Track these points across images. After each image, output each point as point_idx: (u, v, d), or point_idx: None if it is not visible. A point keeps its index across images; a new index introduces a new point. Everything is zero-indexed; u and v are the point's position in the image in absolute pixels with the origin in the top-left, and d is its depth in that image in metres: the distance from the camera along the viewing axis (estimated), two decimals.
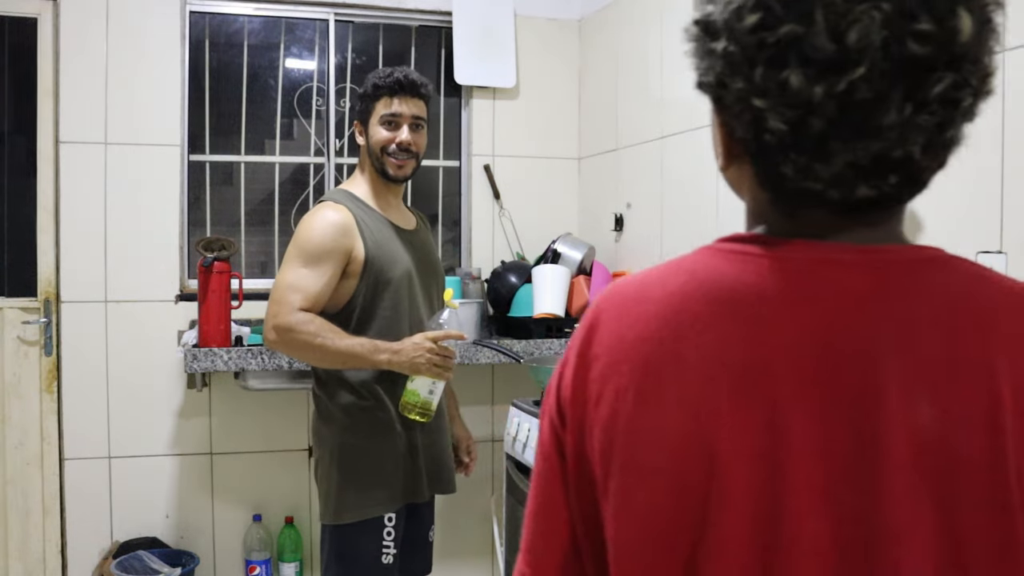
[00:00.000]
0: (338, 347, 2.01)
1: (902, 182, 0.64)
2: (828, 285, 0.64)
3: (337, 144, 3.47)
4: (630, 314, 0.68)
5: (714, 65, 0.65)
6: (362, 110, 2.21)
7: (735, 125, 0.67)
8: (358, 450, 2.12)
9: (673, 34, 2.88)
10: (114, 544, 3.12)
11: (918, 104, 0.60)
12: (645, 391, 0.66)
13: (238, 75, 3.39)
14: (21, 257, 3.12)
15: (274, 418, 3.28)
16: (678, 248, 2.90)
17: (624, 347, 0.67)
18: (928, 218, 1.87)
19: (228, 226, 3.39)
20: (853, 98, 0.59)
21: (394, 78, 2.16)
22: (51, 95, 3.08)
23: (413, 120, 2.17)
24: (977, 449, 0.61)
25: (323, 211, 2.13)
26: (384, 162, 2.17)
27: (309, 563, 3.32)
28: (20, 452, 3.09)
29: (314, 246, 2.07)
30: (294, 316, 2.02)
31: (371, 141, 2.18)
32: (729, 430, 0.63)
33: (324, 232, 2.09)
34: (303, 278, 2.05)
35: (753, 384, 0.63)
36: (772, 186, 0.67)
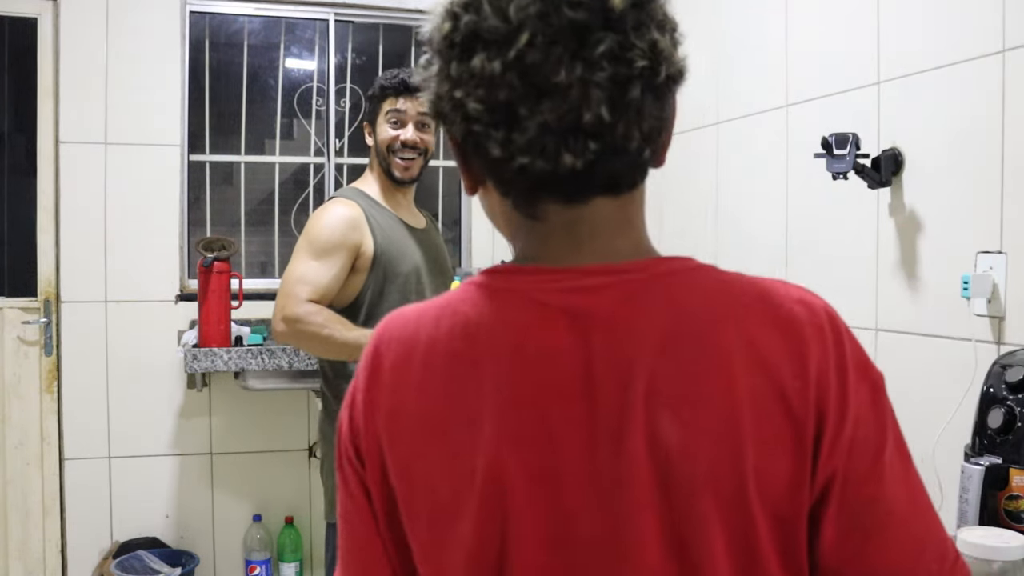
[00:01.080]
0: (345, 338, 2.02)
1: (604, 150, 0.67)
2: (573, 312, 0.68)
3: (337, 144, 3.47)
4: (405, 356, 0.73)
5: (433, 86, 0.71)
6: (370, 111, 2.25)
7: (457, 137, 0.71)
8: None
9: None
10: (114, 544, 3.12)
11: (586, 62, 0.65)
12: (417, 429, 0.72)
13: (238, 75, 3.39)
14: (21, 257, 3.12)
15: (274, 418, 3.28)
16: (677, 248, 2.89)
17: (402, 386, 0.73)
18: (928, 218, 1.87)
19: (228, 226, 3.40)
20: (525, 63, 0.65)
21: (399, 78, 2.19)
22: (51, 95, 3.08)
23: (419, 118, 2.19)
24: (716, 461, 0.65)
25: (333, 206, 2.16)
26: (390, 163, 2.19)
27: (309, 563, 3.32)
28: (20, 452, 3.09)
29: (324, 239, 2.09)
30: (302, 307, 2.02)
31: (378, 140, 2.20)
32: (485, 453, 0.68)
33: (334, 226, 2.10)
34: (312, 270, 2.07)
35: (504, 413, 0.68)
36: (497, 180, 0.71)
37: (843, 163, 1.88)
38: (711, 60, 2.64)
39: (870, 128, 1.99)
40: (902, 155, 1.92)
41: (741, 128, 2.52)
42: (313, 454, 3.32)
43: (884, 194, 1.97)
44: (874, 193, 1.98)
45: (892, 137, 1.94)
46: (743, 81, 2.52)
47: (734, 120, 2.55)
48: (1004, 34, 1.66)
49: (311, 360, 2.85)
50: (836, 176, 1.91)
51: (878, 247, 1.98)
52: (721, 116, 2.61)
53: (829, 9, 2.17)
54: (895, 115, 1.94)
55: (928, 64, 1.85)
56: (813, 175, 2.12)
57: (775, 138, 2.36)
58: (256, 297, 3.24)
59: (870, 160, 1.94)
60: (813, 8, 2.23)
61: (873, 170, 1.93)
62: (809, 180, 2.20)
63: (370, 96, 2.27)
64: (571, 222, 0.71)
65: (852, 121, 2.02)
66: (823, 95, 2.18)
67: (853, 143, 1.88)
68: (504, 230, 0.76)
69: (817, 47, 2.21)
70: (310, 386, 3.10)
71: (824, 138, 1.91)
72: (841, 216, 2.10)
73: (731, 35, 2.57)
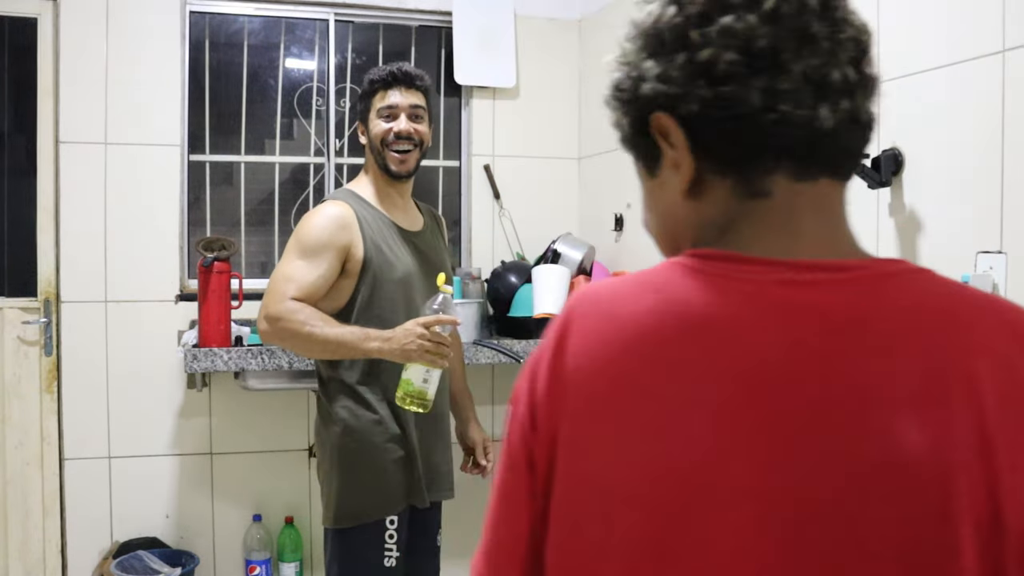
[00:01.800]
0: (327, 335, 1.98)
1: (849, 112, 0.67)
2: (798, 309, 0.65)
3: (337, 144, 3.47)
4: (599, 330, 0.69)
5: (651, 66, 0.69)
6: (362, 109, 2.21)
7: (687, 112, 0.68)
8: (357, 453, 2.10)
9: None
10: (114, 544, 3.12)
11: (831, 21, 0.67)
12: (609, 412, 0.67)
13: (238, 75, 3.39)
14: (21, 257, 3.11)
15: (274, 418, 3.28)
16: None
17: (594, 364, 0.68)
18: (928, 218, 1.87)
19: (228, 226, 3.40)
20: (780, 13, 0.66)
21: (388, 71, 2.16)
22: (51, 95, 3.08)
23: (411, 110, 2.16)
24: (965, 466, 0.60)
25: (324, 207, 2.13)
26: (386, 157, 2.15)
27: (309, 563, 3.32)
28: (20, 452, 3.08)
29: (311, 239, 2.06)
30: (284, 304, 1.99)
31: (371, 135, 2.16)
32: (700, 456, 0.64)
33: (322, 226, 2.07)
34: (297, 269, 2.04)
35: (724, 413, 0.64)
36: (730, 147, 0.68)
37: None
38: None
39: None
40: (902, 155, 1.92)
41: None
42: (313, 454, 3.32)
43: (884, 194, 1.97)
44: (874, 193, 1.98)
45: (892, 137, 1.94)
46: None
47: None
48: (1004, 34, 1.66)
49: (311, 360, 2.85)
50: None
51: (878, 247, 1.98)
52: None
53: None
54: (895, 115, 1.94)
55: (928, 64, 1.85)
56: None
57: None
58: (256, 297, 3.21)
59: (870, 160, 1.94)
60: None
61: (873, 170, 1.93)
62: None
63: (361, 94, 2.23)
64: (794, 203, 0.68)
65: None
66: None
67: None
68: (710, 219, 0.71)
69: None
70: (310, 386, 3.10)
71: None
72: None
73: None
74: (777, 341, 0.64)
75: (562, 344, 0.71)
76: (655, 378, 0.66)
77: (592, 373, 0.68)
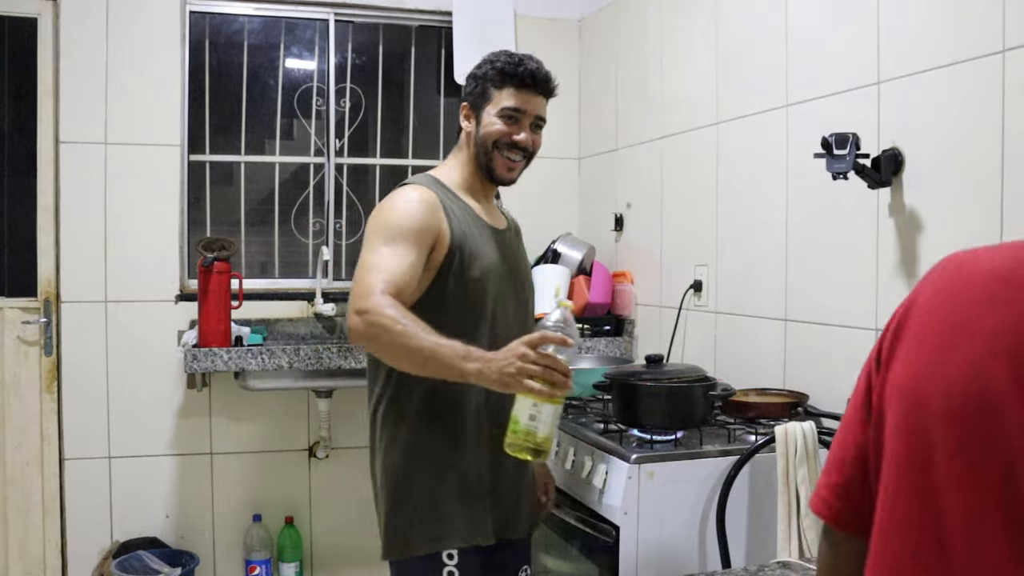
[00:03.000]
0: (420, 344, 1.61)
1: None
2: None
3: (337, 144, 3.47)
4: (961, 276, 0.77)
5: None
6: (478, 94, 1.90)
7: None
8: (407, 474, 1.82)
9: (673, 34, 2.88)
10: (114, 544, 3.12)
11: None
12: (940, 344, 0.75)
13: (238, 75, 3.39)
14: (21, 257, 3.12)
15: (274, 418, 3.28)
16: (678, 248, 2.91)
17: (943, 303, 0.76)
18: (928, 218, 1.87)
19: (228, 226, 3.40)
20: None
21: (526, 69, 1.87)
22: (51, 95, 3.08)
23: (536, 120, 1.91)
24: None
25: (406, 190, 1.84)
26: (492, 159, 1.88)
27: (309, 563, 3.32)
28: (20, 452, 3.09)
29: (398, 223, 1.77)
30: (373, 298, 1.66)
31: (483, 131, 1.88)
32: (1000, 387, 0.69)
33: (409, 210, 1.79)
34: (383, 258, 1.73)
35: None
36: None
37: (843, 163, 1.88)
38: (711, 59, 2.65)
39: (870, 128, 1.99)
40: (902, 155, 1.92)
41: (741, 128, 2.53)
42: (313, 454, 3.32)
43: (884, 194, 1.97)
44: (874, 193, 1.98)
45: (892, 137, 1.94)
46: (743, 81, 2.52)
47: (734, 120, 2.56)
48: (1004, 34, 1.66)
49: (311, 360, 2.85)
50: (836, 176, 1.91)
51: (878, 247, 1.98)
52: (721, 116, 2.61)
53: (829, 9, 2.17)
54: (895, 115, 1.95)
55: (928, 64, 1.85)
56: (813, 175, 2.12)
57: (775, 138, 2.36)
58: (256, 297, 3.24)
59: (870, 160, 1.94)
60: (813, 8, 2.23)
61: (873, 170, 1.93)
62: (809, 180, 2.20)
63: (481, 77, 1.90)
64: None
65: (852, 121, 2.02)
66: (823, 95, 2.18)
67: (853, 143, 1.88)
68: None
69: (817, 47, 2.21)
70: (310, 386, 3.11)
71: (824, 138, 1.91)
72: (841, 216, 2.10)
73: (731, 35, 2.57)
74: None
75: (917, 292, 0.80)
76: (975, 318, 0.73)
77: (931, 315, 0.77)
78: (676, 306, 2.79)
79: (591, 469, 2.00)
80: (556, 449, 2.17)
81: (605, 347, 3.11)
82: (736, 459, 1.90)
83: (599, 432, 2.09)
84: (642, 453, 1.89)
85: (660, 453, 1.91)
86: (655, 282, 3.01)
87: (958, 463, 0.71)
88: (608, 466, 1.94)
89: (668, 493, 1.89)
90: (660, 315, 2.97)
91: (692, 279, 2.74)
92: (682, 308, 2.78)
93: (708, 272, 2.68)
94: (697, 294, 2.73)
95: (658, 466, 1.88)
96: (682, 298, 2.77)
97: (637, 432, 2.03)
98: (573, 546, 2.15)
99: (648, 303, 3.07)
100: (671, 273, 2.90)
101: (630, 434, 2.03)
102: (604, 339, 3.13)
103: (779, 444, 1.89)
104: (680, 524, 1.89)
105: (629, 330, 3.16)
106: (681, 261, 2.84)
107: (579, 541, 2.10)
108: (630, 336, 3.16)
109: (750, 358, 2.46)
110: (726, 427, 2.09)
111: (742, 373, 2.43)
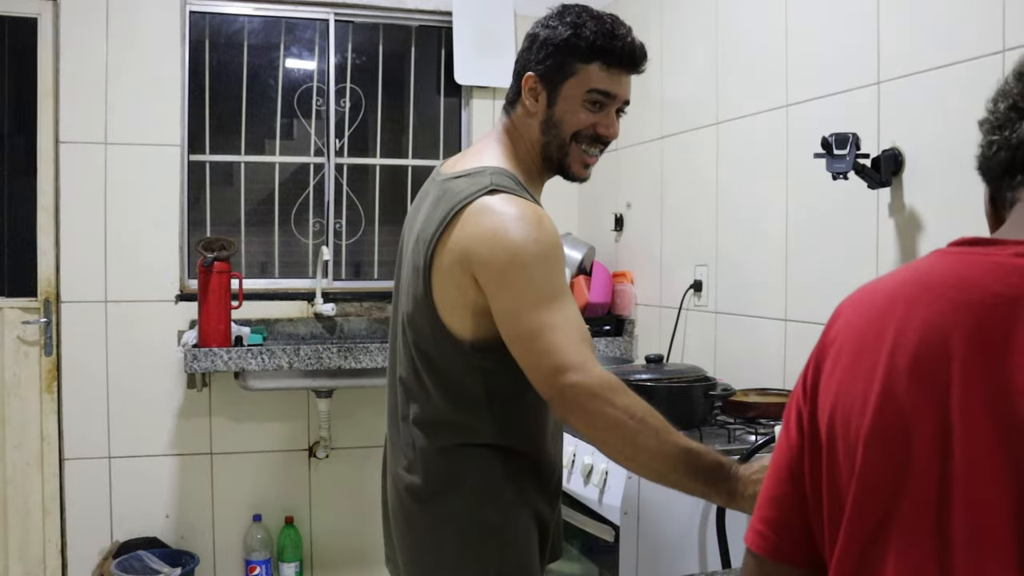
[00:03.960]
0: (678, 444, 1.29)
1: None
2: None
3: (337, 144, 3.47)
4: (861, 302, 0.81)
5: None
6: (554, 66, 1.48)
7: None
8: (499, 532, 1.44)
9: (673, 34, 2.88)
10: (114, 544, 3.12)
11: None
12: (852, 364, 0.76)
13: (238, 75, 3.39)
14: (21, 257, 3.12)
15: (274, 418, 3.28)
16: (678, 248, 2.91)
17: (849, 330, 0.79)
18: (928, 218, 1.87)
19: (228, 226, 3.40)
20: None
21: (624, 42, 1.49)
22: (51, 95, 3.09)
23: (623, 105, 1.55)
24: None
25: (533, 213, 1.40)
26: (569, 153, 1.52)
27: (309, 563, 3.32)
28: (20, 452, 3.09)
29: (555, 260, 1.38)
30: (600, 375, 1.28)
31: (559, 116, 1.49)
32: (911, 398, 0.71)
33: (555, 241, 1.40)
34: (574, 311, 1.35)
35: (928, 361, 0.71)
36: None
37: (843, 163, 1.88)
38: (711, 59, 2.65)
39: (870, 128, 1.99)
40: (902, 155, 1.92)
41: (741, 128, 2.53)
42: (313, 454, 3.32)
43: (884, 194, 1.97)
44: (874, 193, 1.98)
45: (892, 137, 1.94)
46: (743, 81, 2.52)
47: (734, 120, 2.56)
48: (1004, 34, 1.66)
49: (311, 360, 2.85)
50: (836, 176, 1.91)
51: (878, 247, 1.98)
52: (721, 116, 2.61)
53: (829, 9, 2.17)
54: (895, 115, 1.95)
55: (928, 64, 1.85)
56: (813, 175, 2.12)
57: (775, 138, 2.36)
58: (256, 297, 3.24)
59: (870, 160, 1.94)
60: (813, 8, 2.23)
61: (873, 170, 1.93)
62: (809, 180, 2.20)
63: (562, 45, 1.47)
64: None
65: (852, 121, 2.02)
66: (823, 95, 2.18)
67: (853, 143, 1.88)
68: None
69: (817, 47, 2.21)
70: (310, 386, 3.11)
71: (824, 138, 1.91)
72: (841, 216, 2.10)
73: (731, 35, 2.57)
74: (1001, 290, 0.72)
75: (830, 326, 0.82)
76: (883, 329, 0.75)
77: (844, 339, 0.79)
78: (676, 306, 2.79)
79: (591, 469, 2.00)
80: None
81: (605, 347, 3.11)
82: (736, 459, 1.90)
83: None
84: None
85: None
86: (655, 282, 3.01)
87: None
88: (608, 466, 1.94)
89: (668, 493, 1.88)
90: (660, 315, 2.97)
91: (692, 279, 2.74)
92: (682, 308, 2.79)
93: (708, 272, 2.68)
94: (697, 294, 2.73)
95: None
96: (682, 298, 2.77)
97: None
98: (573, 546, 2.15)
99: (648, 303, 3.07)
100: (671, 273, 2.90)
101: None
102: (604, 339, 3.13)
103: None
104: (680, 524, 1.89)
105: (629, 330, 3.16)
106: (681, 261, 2.84)
107: (579, 541, 2.10)
108: (630, 336, 3.16)
109: (750, 358, 2.46)
110: (726, 427, 2.09)
111: (742, 373, 2.43)
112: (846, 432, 0.74)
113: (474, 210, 1.38)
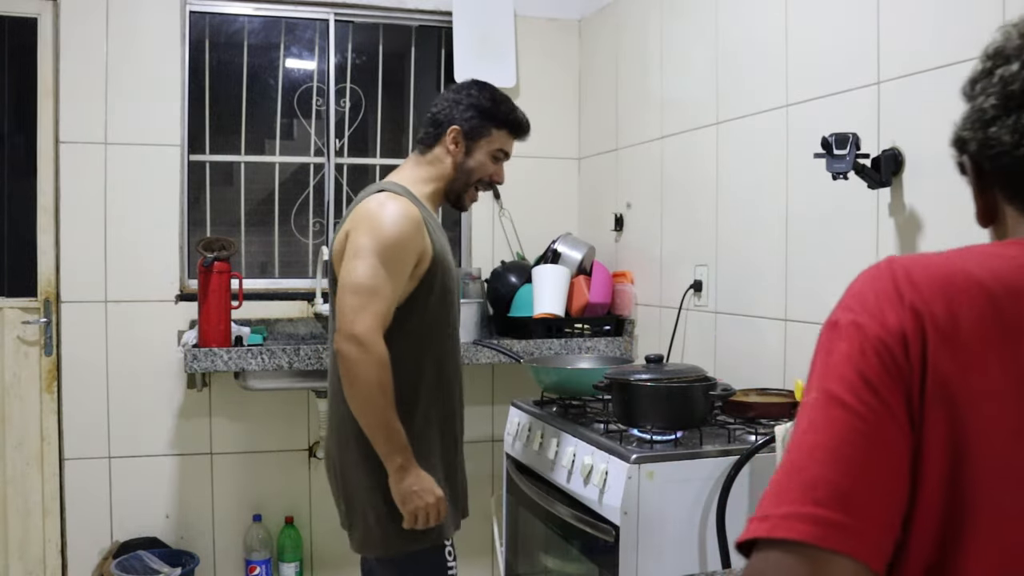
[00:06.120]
0: (388, 418, 1.80)
1: None
2: None
3: (337, 144, 3.47)
4: (955, 287, 0.78)
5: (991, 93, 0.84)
6: (477, 127, 2.04)
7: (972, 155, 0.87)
8: None
9: (673, 34, 2.88)
10: (114, 544, 3.12)
11: None
12: (992, 356, 0.74)
13: (238, 75, 3.39)
14: (21, 257, 3.12)
15: (274, 418, 3.28)
16: (678, 248, 2.91)
17: (974, 318, 0.76)
18: (928, 218, 1.87)
19: (228, 226, 3.40)
20: None
21: (523, 118, 2.11)
22: (51, 95, 3.09)
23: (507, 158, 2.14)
24: None
25: (395, 206, 1.88)
26: (466, 192, 2.06)
27: (309, 563, 3.32)
28: (20, 452, 3.09)
29: (391, 243, 1.83)
30: (378, 337, 1.79)
31: (471, 164, 2.04)
32: None
33: (402, 228, 1.85)
34: (380, 280, 1.80)
35: None
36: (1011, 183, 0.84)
37: (843, 163, 1.88)
38: (711, 59, 2.65)
39: (870, 128, 1.99)
40: (902, 155, 1.92)
41: (741, 128, 2.53)
42: (313, 454, 3.32)
43: (884, 194, 1.97)
44: (874, 193, 1.98)
45: (892, 137, 1.94)
46: (743, 81, 2.52)
47: (734, 120, 2.56)
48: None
49: (311, 360, 2.85)
50: (836, 176, 1.91)
51: (878, 247, 1.98)
52: (721, 116, 2.61)
53: (829, 9, 2.17)
54: (895, 115, 1.95)
55: (928, 64, 1.85)
56: (813, 175, 2.12)
57: (775, 138, 2.36)
58: (256, 297, 3.24)
59: (870, 160, 1.94)
60: (813, 8, 2.23)
61: (873, 170, 1.93)
62: (809, 180, 2.20)
63: (484, 112, 2.04)
64: None
65: (852, 121, 2.02)
66: (823, 95, 2.18)
67: (853, 143, 1.88)
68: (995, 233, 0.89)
69: (817, 47, 2.21)
70: (310, 386, 3.10)
71: (824, 138, 1.91)
72: (841, 216, 2.10)
73: (731, 35, 2.57)
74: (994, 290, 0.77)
75: (904, 278, 0.81)
76: None
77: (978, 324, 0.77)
78: (676, 306, 2.79)
79: (591, 469, 2.00)
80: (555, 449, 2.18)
81: (605, 347, 3.11)
82: (736, 459, 1.90)
83: (599, 432, 2.09)
84: (642, 453, 1.89)
85: (660, 453, 1.91)
86: (655, 282, 3.01)
87: None
88: (608, 466, 1.94)
89: (668, 493, 1.89)
90: (660, 315, 2.97)
91: (692, 279, 2.74)
92: (682, 308, 2.79)
93: (708, 272, 2.68)
94: (697, 294, 2.73)
95: (658, 466, 1.88)
96: (682, 298, 2.77)
97: (637, 432, 2.02)
98: (573, 546, 2.15)
99: (648, 303, 3.07)
100: (671, 273, 2.90)
101: (630, 434, 2.03)
102: (604, 339, 3.13)
103: (779, 444, 1.89)
104: (680, 524, 1.89)
105: (629, 330, 3.16)
106: (681, 261, 2.84)
107: (579, 541, 2.10)
108: (630, 336, 3.16)
109: (750, 358, 2.46)
110: (726, 427, 2.09)
111: (742, 373, 2.43)
112: (997, 426, 0.72)
113: (364, 203, 1.92)
